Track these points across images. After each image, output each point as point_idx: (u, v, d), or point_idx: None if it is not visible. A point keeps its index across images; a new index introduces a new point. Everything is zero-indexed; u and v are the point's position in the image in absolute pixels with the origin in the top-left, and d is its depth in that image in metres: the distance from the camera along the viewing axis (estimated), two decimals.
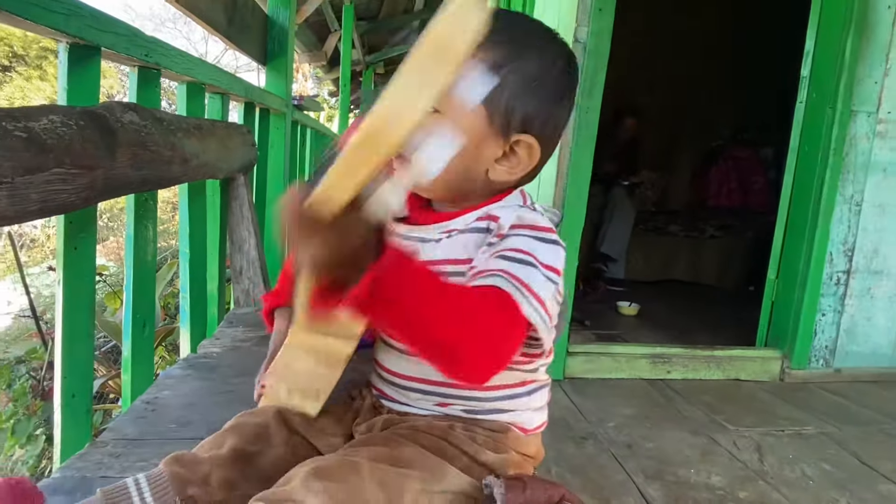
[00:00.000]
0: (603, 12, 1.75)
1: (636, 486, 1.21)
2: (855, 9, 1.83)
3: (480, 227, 0.70)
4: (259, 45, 2.87)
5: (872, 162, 1.94)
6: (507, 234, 0.67)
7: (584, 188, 1.81)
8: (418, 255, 0.73)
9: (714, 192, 4.12)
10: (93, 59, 1.18)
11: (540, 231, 0.68)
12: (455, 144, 0.66)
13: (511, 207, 0.71)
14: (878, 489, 1.28)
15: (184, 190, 1.79)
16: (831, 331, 2.00)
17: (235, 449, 0.74)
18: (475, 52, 0.66)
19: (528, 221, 0.68)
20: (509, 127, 0.70)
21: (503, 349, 0.60)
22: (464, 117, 0.68)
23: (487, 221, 0.70)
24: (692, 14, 4.02)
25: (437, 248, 0.73)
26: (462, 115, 0.68)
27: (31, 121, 0.86)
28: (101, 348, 3.01)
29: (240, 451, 0.74)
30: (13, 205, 0.81)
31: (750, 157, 4.07)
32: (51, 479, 0.98)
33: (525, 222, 0.68)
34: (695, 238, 3.45)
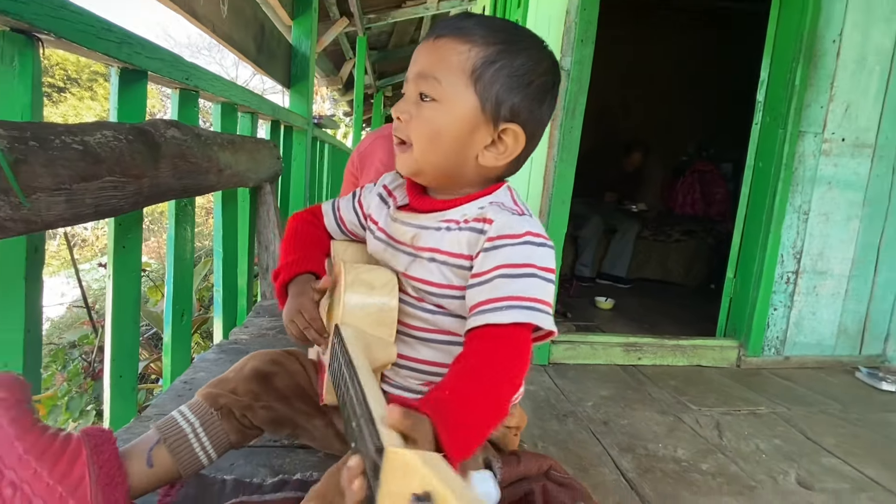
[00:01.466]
0: (584, 44, 1.76)
1: (611, 458, 1.21)
2: (804, 42, 1.83)
3: (476, 228, 0.69)
4: (284, 71, 2.87)
5: (818, 176, 1.94)
6: (502, 244, 0.66)
7: (567, 198, 1.81)
8: (419, 239, 0.72)
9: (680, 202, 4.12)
10: (140, 82, 1.18)
11: (533, 237, 0.67)
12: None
13: (504, 211, 0.70)
14: (822, 462, 1.28)
15: (218, 197, 1.79)
16: (782, 323, 2.00)
17: (255, 368, 0.77)
18: (475, 47, 0.68)
19: (519, 230, 0.67)
20: (499, 116, 0.70)
21: (521, 375, 0.63)
22: (458, 104, 0.68)
23: (483, 223, 0.69)
24: (664, 45, 4.05)
25: (434, 238, 0.71)
26: (457, 103, 0.68)
27: (87, 135, 0.86)
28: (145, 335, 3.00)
29: (258, 370, 0.77)
30: (70, 208, 0.81)
31: (712, 171, 4.07)
32: None
33: (516, 231, 0.67)
34: (663, 242, 3.45)
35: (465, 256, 0.69)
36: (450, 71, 0.67)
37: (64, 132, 0.81)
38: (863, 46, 1.90)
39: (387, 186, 0.82)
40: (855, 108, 1.93)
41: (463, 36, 0.67)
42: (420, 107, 0.69)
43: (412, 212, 0.76)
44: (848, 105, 1.92)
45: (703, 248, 3.45)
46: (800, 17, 1.83)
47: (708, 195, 4.06)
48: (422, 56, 0.70)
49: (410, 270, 0.72)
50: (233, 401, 0.74)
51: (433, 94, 0.68)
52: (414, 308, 0.73)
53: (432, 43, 0.69)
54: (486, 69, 0.67)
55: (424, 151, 0.70)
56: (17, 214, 0.71)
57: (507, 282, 0.64)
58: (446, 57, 0.67)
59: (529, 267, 0.65)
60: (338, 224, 0.86)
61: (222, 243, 1.82)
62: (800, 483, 1.17)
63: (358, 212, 0.84)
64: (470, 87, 0.67)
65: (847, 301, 2.04)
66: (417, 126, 0.69)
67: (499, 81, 0.68)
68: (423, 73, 0.68)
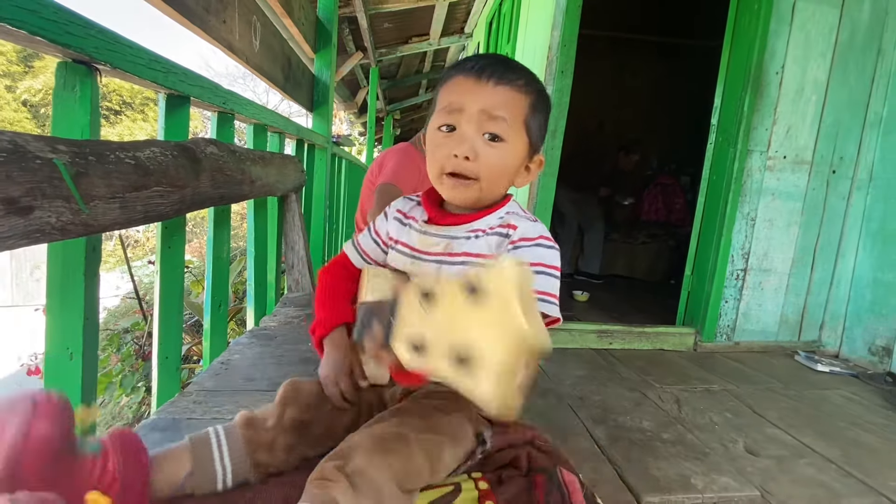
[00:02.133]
0: (564, 74, 1.76)
1: (586, 429, 1.21)
2: (752, 74, 1.83)
3: (502, 233, 0.69)
4: (307, 97, 2.86)
5: (764, 188, 1.94)
6: (521, 246, 0.67)
7: (549, 205, 1.82)
8: (451, 247, 0.71)
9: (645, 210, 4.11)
10: (184, 106, 1.18)
11: (544, 240, 0.68)
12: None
13: (523, 219, 0.70)
14: (766, 431, 1.28)
15: (250, 204, 1.79)
16: (732, 314, 2.00)
17: (294, 419, 0.69)
18: (526, 96, 0.67)
19: (534, 234, 0.68)
20: (534, 150, 0.72)
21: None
22: (519, 145, 0.69)
23: (507, 229, 0.69)
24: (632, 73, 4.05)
25: (466, 244, 0.70)
26: (517, 144, 0.69)
27: (138, 151, 0.86)
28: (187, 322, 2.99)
29: (297, 420, 0.69)
30: (123, 214, 0.80)
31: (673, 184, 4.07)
32: (149, 420, 0.98)
33: (531, 235, 0.68)
34: (630, 244, 3.45)
35: (492, 256, 0.69)
36: (514, 116, 0.67)
37: (118, 148, 0.81)
38: (802, 78, 1.90)
39: (401, 210, 0.80)
40: (795, 130, 1.93)
41: (517, 85, 0.67)
42: (489, 146, 0.67)
43: (438, 226, 0.74)
44: (789, 127, 1.92)
45: (665, 249, 3.45)
46: (748, 52, 1.83)
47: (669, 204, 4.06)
48: (482, 97, 0.66)
49: (440, 275, 0.71)
50: (269, 458, 0.65)
51: (503, 134, 0.66)
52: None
53: (493, 88, 0.66)
54: (531, 115, 0.69)
55: (491, 185, 0.69)
56: (77, 219, 0.70)
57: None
58: (510, 103, 0.67)
59: (541, 265, 0.65)
60: (362, 257, 0.84)
61: (254, 244, 1.81)
62: (747, 450, 1.17)
63: (377, 240, 0.82)
64: (523, 129, 0.69)
65: (788, 295, 2.04)
66: (489, 165, 0.67)
67: (536, 123, 0.70)
68: (493, 115, 0.65)
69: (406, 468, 0.56)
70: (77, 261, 0.84)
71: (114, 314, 4.11)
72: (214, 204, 1.23)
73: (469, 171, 0.67)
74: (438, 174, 0.69)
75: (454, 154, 0.66)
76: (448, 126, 0.68)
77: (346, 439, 0.60)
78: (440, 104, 0.70)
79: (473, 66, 0.67)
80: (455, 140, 0.67)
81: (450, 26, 4.71)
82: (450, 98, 0.68)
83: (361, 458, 0.54)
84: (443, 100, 0.69)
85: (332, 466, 0.54)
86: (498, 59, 0.68)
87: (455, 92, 0.68)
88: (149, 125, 10.90)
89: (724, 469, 1.07)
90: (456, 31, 4.91)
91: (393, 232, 0.79)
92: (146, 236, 8.59)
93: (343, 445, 0.58)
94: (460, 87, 0.68)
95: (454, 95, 0.67)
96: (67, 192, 0.68)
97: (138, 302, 2.69)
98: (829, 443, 1.23)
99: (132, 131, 10.74)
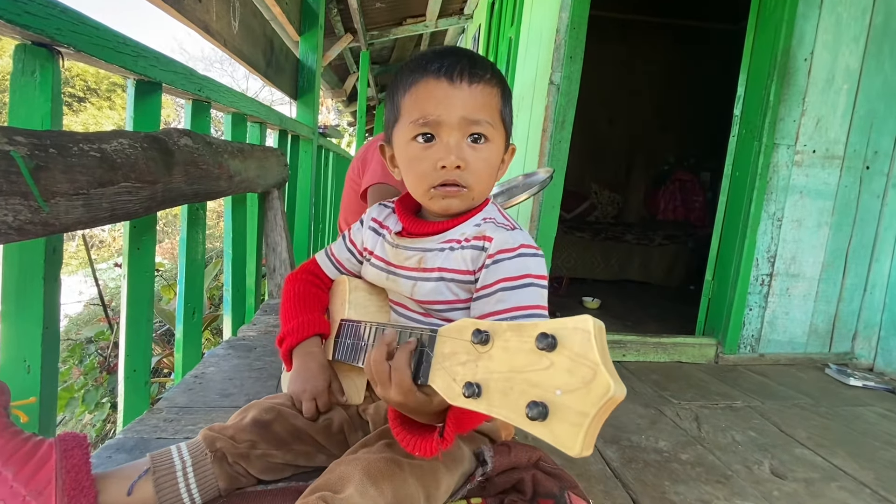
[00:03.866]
0: (573, 60, 1.76)
1: (597, 449, 1.21)
2: (778, 61, 1.84)
3: (478, 246, 0.69)
4: (291, 83, 2.86)
5: (791, 185, 1.95)
6: (501, 259, 0.67)
7: (557, 204, 1.82)
8: (425, 261, 0.72)
9: (662, 209, 4.13)
10: (155, 93, 1.18)
11: (526, 248, 0.68)
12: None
13: (499, 228, 0.70)
14: (794, 452, 1.28)
15: (228, 201, 1.78)
16: (757, 323, 2.01)
17: (254, 418, 0.74)
18: (496, 88, 0.68)
19: (513, 244, 0.68)
20: (508, 139, 0.73)
21: None
22: (499, 141, 0.70)
23: (483, 241, 0.69)
24: (646, 60, 4.06)
25: (440, 258, 0.71)
26: (498, 140, 0.70)
27: (104, 143, 0.85)
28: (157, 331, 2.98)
29: (257, 419, 0.73)
30: (88, 212, 0.80)
31: (692, 180, 4.09)
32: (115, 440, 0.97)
33: (511, 245, 0.68)
34: (645, 245, 3.46)
35: (469, 272, 0.69)
36: (492, 113, 0.68)
37: (82, 140, 0.81)
38: (832, 65, 1.91)
39: (376, 219, 0.81)
40: (825, 122, 1.94)
41: (488, 80, 0.68)
42: (475, 151, 0.68)
43: (411, 237, 0.75)
44: (819, 119, 1.94)
45: (683, 251, 3.46)
46: (774, 37, 1.85)
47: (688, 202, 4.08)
48: (460, 103, 0.66)
49: (416, 293, 0.72)
50: (229, 446, 0.70)
51: (489, 135, 0.68)
52: (421, 324, 0.73)
53: (468, 90, 0.67)
54: (503, 106, 0.70)
55: (483, 191, 0.71)
56: (36, 218, 0.70)
57: (509, 294, 0.65)
58: (487, 101, 0.68)
59: (526, 277, 0.66)
60: (336, 267, 0.86)
61: (232, 245, 1.81)
62: (773, 472, 1.17)
63: (352, 250, 0.84)
64: (501, 124, 0.70)
65: (818, 302, 2.05)
66: (478, 170, 0.68)
67: (508, 111, 0.72)
68: (475, 119, 0.67)
69: (399, 497, 0.56)
70: (36, 264, 0.84)
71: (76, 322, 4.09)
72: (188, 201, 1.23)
73: (461, 181, 0.68)
74: (426, 189, 0.69)
75: (441, 165, 0.67)
76: (426, 136, 0.68)
77: (330, 468, 0.61)
78: (410, 115, 0.68)
79: (440, 66, 0.66)
80: (438, 150, 0.67)
81: (448, 6, 4.72)
82: (423, 108, 0.67)
83: (353, 490, 0.55)
84: (412, 110, 0.68)
85: (317, 498, 0.55)
86: (461, 54, 0.68)
87: (427, 101, 0.67)
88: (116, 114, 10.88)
89: (747, 493, 1.07)
90: (455, 12, 4.93)
91: (368, 242, 0.80)
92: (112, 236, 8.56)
93: (329, 476, 0.59)
94: (432, 94, 0.67)
95: (428, 105, 0.66)
96: (26, 187, 0.68)
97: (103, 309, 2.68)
98: (863, 464, 1.24)
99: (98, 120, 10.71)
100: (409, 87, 0.69)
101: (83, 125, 10.30)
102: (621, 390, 0.36)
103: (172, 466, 0.68)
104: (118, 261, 4.27)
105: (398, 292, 0.74)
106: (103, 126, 10.30)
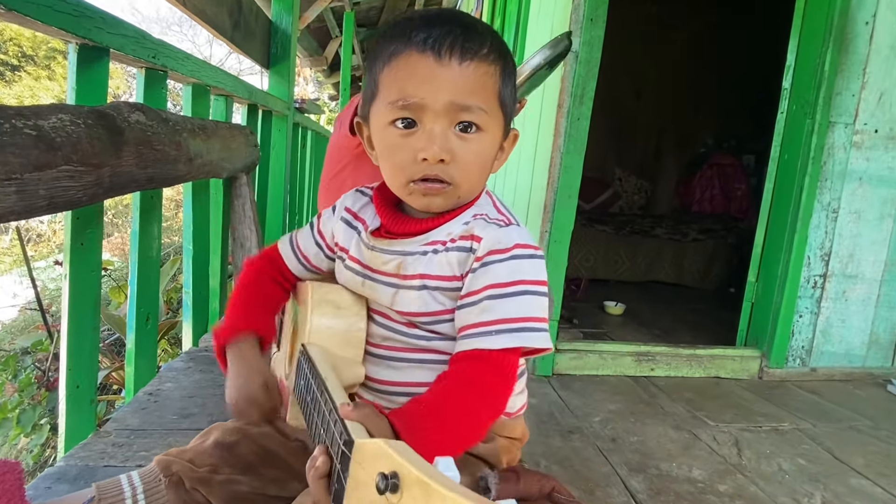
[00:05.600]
0: (594, 23, 1.76)
1: (620, 479, 1.21)
2: (835, 24, 1.84)
3: (465, 247, 0.68)
4: (262, 50, 2.85)
5: (849, 171, 1.95)
6: (490, 261, 0.66)
7: (575, 192, 1.81)
8: (404, 267, 0.70)
9: (698, 198, 4.14)
10: (101, 60, 1.17)
11: (521, 249, 0.67)
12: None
13: (490, 225, 0.69)
14: (850, 483, 1.29)
15: (188, 188, 1.78)
16: (808, 332, 2.01)
17: (216, 440, 0.75)
18: (495, 65, 0.67)
19: (507, 243, 0.67)
20: (509, 124, 0.72)
21: (504, 400, 0.65)
22: (496, 129, 0.69)
23: (471, 241, 0.68)
24: (678, 23, 4.05)
25: (422, 263, 0.69)
26: (496, 128, 0.68)
27: (41, 119, 0.85)
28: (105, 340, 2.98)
29: (219, 441, 0.74)
30: (22, 200, 0.80)
31: (733, 165, 4.09)
32: (55, 468, 0.97)
33: (504, 246, 0.67)
34: (678, 241, 3.47)
35: (456, 278, 0.68)
36: (488, 98, 0.66)
37: (15, 115, 0.80)
38: None
39: (350, 209, 0.79)
40: (889, 97, 1.94)
41: (484, 56, 0.65)
42: (464, 141, 0.65)
43: (390, 237, 0.73)
44: (882, 93, 1.94)
45: (723, 248, 3.47)
46: None
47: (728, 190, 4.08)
48: (448, 85, 0.64)
49: (397, 303, 0.70)
50: (186, 469, 0.71)
51: (481, 124, 0.66)
52: (404, 335, 0.72)
53: (459, 69, 0.64)
54: (504, 86, 0.68)
55: (472, 188, 0.70)
56: None
57: (497, 303, 0.64)
58: (483, 83, 0.65)
59: (519, 284, 0.65)
60: (300, 262, 0.83)
61: (193, 240, 1.81)
62: None
63: (320, 242, 0.82)
64: (499, 108, 0.68)
65: (879, 308, 2.05)
66: (467, 164, 0.66)
67: (509, 92, 0.69)
68: (466, 105, 0.64)
69: None
70: None
71: (9, 330, 4.09)
72: (141, 188, 1.23)
73: (445, 176, 0.66)
74: (404, 183, 0.68)
75: (422, 157, 0.64)
76: (405, 121, 0.66)
77: (300, 499, 0.61)
78: (388, 94, 0.66)
79: (427, 37, 0.63)
80: (420, 139, 0.65)
81: None
82: (403, 88, 0.64)
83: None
84: (391, 88, 0.65)
85: None
86: (454, 22, 0.65)
87: (409, 80, 0.64)
88: (57, 84, 10.84)
89: None
90: None
91: (340, 236, 0.78)
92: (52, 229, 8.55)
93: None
94: (414, 71, 0.64)
95: (409, 85, 0.64)
96: None
97: (41, 314, 2.68)
98: None
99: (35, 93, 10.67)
100: (389, 59, 0.66)
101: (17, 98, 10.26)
102: None
103: (121, 494, 0.69)
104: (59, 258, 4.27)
105: (379, 301, 0.73)
106: (41, 99, 10.26)
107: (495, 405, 0.63)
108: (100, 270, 1.22)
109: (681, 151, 4.34)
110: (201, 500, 0.71)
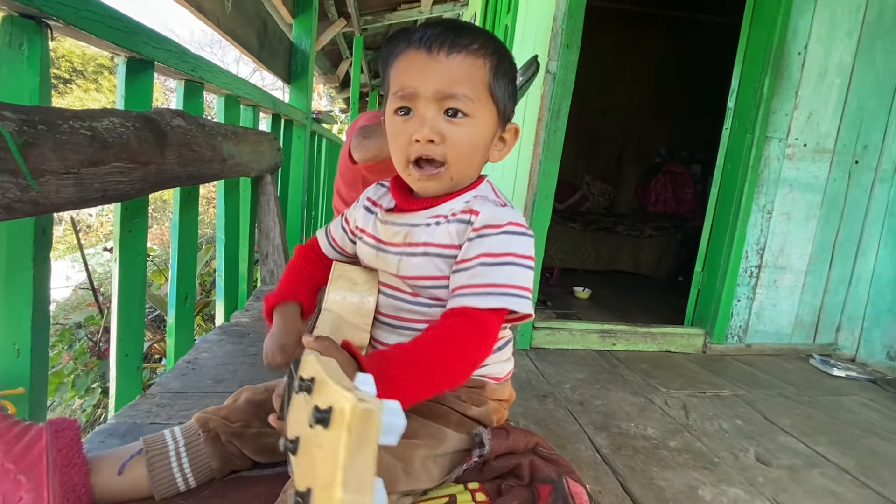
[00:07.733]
0: (570, 48, 1.75)
1: (587, 436, 1.22)
2: (772, 54, 1.84)
3: (464, 220, 0.68)
4: (284, 67, 2.81)
5: (782, 178, 1.97)
6: (486, 234, 0.66)
7: (551, 194, 1.81)
8: (411, 236, 0.70)
9: (653, 200, 4.15)
10: (147, 72, 1.14)
11: (513, 226, 0.67)
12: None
13: (488, 203, 0.69)
14: (779, 440, 1.30)
15: (221, 185, 1.76)
16: (744, 314, 2.03)
17: (248, 398, 0.75)
18: (484, 59, 0.66)
19: (501, 220, 0.67)
20: (505, 118, 0.71)
21: (481, 356, 0.63)
22: (487, 117, 0.68)
23: (469, 215, 0.68)
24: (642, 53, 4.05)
25: (426, 232, 0.70)
26: (485, 116, 0.68)
27: (95, 121, 0.83)
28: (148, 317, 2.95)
29: (251, 400, 0.75)
30: (79, 192, 0.78)
31: (683, 173, 4.11)
32: (107, 425, 0.96)
33: (498, 222, 0.66)
34: (636, 237, 3.48)
35: (455, 246, 0.68)
36: (475, 86, 0.65)
37: (72, 117, 0.78)
38: (826, 59, 1.92)
39: (371, 198, 0.81)
40: (817, 116, 1.95)
41: (473, 51, 0.65)
42: (453, 125, 0.65)
43: (401, 212, 0.74)
44: (811, 113, 1.95)
45: (673, 243, 3.49)
46: (769, 30, 1.84)
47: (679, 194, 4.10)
48: (435, 75, 0.64)
49: (402, 269, 0.71)
50: (222, 425, 0.71)
51: (466, 109, 0.65)
52: (410, 304, 0.72)
53: (446, 60, 0.64)
54: (494, 79, 0.67)
55: (463, 168, 0.69)
56: (25, 196, 0.68)
57: (488, 270, 0.64)
58: (468, 73, 0.65)
59: (509, 255, 0.65)
60: (331, 245, 0.87)
61: (224, 230, 1.78)
62: (758, 459, 1.19)
63: (345, 227, 0.84)
64: (489, 98, 0.67)
65: (804, 294, 2.07)
66: (456, 145, 0.66)
67: (502, 87, 0.68)
68: (451, 93, 0.64)
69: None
70: (25, 244, 0.82)
71: (63, 307, 4.03)
72: (181, 184, 1.21)
73: (436, 155, 0.66)
74: (405, 163, 0.68)
75: (415, 139, 0.65)
76: (404, 109, 0.67)
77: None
78: (392, 86, 0.67)
79: (421, 37, 0.65)
80: (414, 124, 0.66)
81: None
82: (401, 80, 0.66)
83: None
84: (394, 82, 0.67)
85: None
86: (448, 25, 0.66)
87: (406, 72, 0.66)
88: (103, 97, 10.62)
89: (733, 479, 1.09)
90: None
91: (360, 220, 0.80)
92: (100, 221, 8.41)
93: None
94: (410, 65, 0.65)
95: (405, 77, 0.65)
96: (14, 164, 0.65)
97: (93, 293, 2.64)
98: (845, 452, 1.26)
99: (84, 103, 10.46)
100: (393, 59, 0.68)
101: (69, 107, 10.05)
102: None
103: (165, 447, 0.68)
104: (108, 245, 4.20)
105: (386, 271, 0.74)
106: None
107: (472, 359, 0.62)
108: (145, 255, 1.20)
109: (639, 161, 4.35)
110: (235, 452, 0.71)
